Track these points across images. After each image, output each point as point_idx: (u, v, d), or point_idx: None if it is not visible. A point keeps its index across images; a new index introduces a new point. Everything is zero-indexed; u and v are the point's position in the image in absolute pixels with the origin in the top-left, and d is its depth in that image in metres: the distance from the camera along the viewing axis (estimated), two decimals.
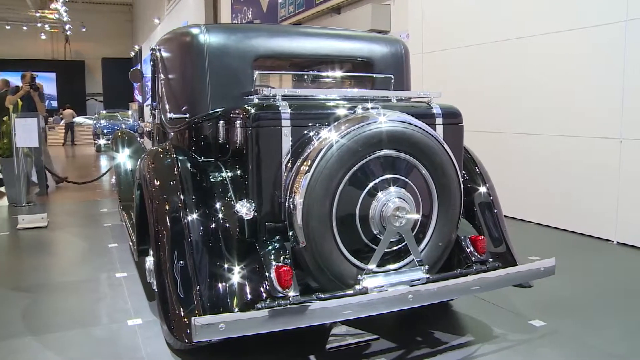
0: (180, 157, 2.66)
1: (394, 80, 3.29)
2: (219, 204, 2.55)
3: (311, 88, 4.19)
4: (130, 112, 21.58)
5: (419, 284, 2.46)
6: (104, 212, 6.74)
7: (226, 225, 2.49)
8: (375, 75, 3.31)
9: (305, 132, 2.46)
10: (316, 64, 3.61)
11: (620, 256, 4.59)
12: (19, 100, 7.35)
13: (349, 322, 2.70)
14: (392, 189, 2.45)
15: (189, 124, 3.05)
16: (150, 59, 3.67)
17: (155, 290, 2.62)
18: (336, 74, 3.51)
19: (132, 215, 3.77)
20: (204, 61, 2.91)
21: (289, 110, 2.43)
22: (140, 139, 5.38)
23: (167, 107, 3.38)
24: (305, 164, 2.33)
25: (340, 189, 2.36)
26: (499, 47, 6.07)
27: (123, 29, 30.66)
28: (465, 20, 6.57)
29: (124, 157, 5.10)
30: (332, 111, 2.53)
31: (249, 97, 2.77)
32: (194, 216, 2.46)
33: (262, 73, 3.05)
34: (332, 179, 2.33)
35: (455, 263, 2.80)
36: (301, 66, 3.66)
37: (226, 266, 2.42)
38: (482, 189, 3.06)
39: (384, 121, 2.42)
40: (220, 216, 2.52)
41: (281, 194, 2.42)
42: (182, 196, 2.48)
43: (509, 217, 5.88)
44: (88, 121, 22.07)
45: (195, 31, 2.98)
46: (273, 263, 2.31)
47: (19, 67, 28.65)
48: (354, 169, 2.38)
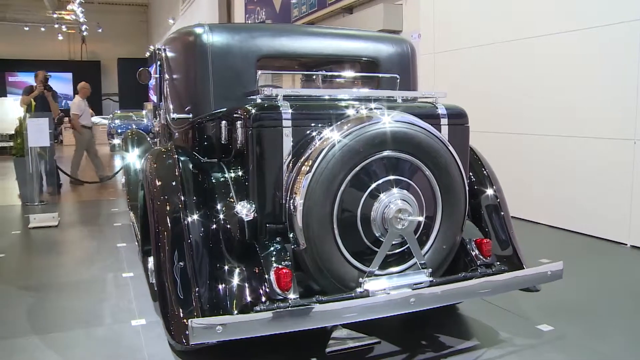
0: (182, 158, 2.64)
1: (400, 80, 3.25)
2: (220, 205, 2.52)
3: (321, 88, 4.18)
4: (145, 112, 21.67)
5: (421, 287, 2.42)
6: (115, 211, 6.77)
7: (227, 226, 2.47)
8: (380, 75, 3.27)
9: (306, 132, 2.43)
10: (321, 63, 3.58)
11: (633, 259, 4.49)
12: (32, 101, 7.41)
13: (350, 325, 2.67)
14: (395, 190, 2.41)
15: (192, 124, 3.04)
16: (157, 59, 3.67)
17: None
18: (340, 73, 3.47)
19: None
20: (207, 61, 2.90)
21: (290, 111, 2.40)
22: (155, 139, 5.40)
23: (171, 107, 3.38)
24: (306, 164, 2.30)
25: (341, 190, 2.33)
26: (510, 47, 5.99)
27: (138, 29, 30.89)
28: (476, 20, 6.50)
29: (133, 157, 5.12)
30: (334, 111, 2.50)
31: (251, 97, 2.74)
32: (194, 217, 2.44)
33: (264, 73, 3.02)
34: (333, 179, 2.30)
35: (461, 266, 2.76)
36: (307, 66, 3.63)
37: (226, 268, 2.40)
38: (489, 190, 3.01)
39: (386, 121, 2.38)
40: (221, 217, 2.49)
41: (282, 195, 2.39)
42: (183, 197, 2.46)
43: (520, 219, 5.81)
44: (103, 121, 22.22)
45: (198, 31, 2.96)
46: (273, 265, 2.28)
47: (37, 68, 28.77)
48: (356, 169, 2.35)
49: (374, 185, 2.39)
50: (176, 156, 2.61)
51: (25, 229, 5.71)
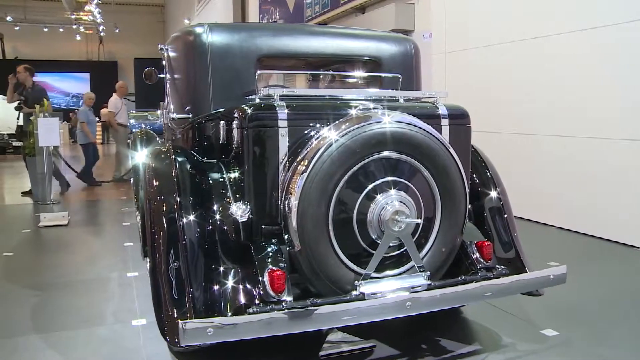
0: (180, 158, 2.62)
1: (403, 80, 3.20)
2: (216, 206, 2.50)
3: (328, 88, 4.14)
4: (160, 112, 21.82)
5: (419, 291, 2.38)
6: (125, 210, 6.81)
7: (223, 227, 2.45)
8: (381, 75, 3.22)
9: (303, 132, 2.40)
10: (323, 63, 3.54)
11: None
12: (45, 101, 7.47)
13: (347, 328, 2.63)
14: (392, 192, 2.37)
15: (192, 124, 3.03)
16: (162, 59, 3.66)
17: None
18: (341, 73, 3.43)
19: None
20: (206, 60, 2.88)
21: (286, 111, 2.37)
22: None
23: (172, 106, 3.37)
24: (302, 164, 2.27)
25: (337, 191, 2.29)
26: (521, 47, 5.90)
27: (155, 29, 31.04)
28: (487, 19, 6.41)
29: (141, 157, 5.13)
30: (332, 111, 2.46)
31: (250, 96, 2.72)
32: (190, 218, 2.42)
33: (264, 72, 3.00)
34: (329, 180, 2.26)
35: (463, 269, 2.71)
36: (310, 66, 3.59)
37: (221, 269, 2.38)
38: (492, 192, 2.95)
39: (384, 122, 2.34)
40: (217, 218, 2.47)
41: (278, 196, 2.37)
42: (179, 198, 2.44)
43: (530, 221, 5.73)
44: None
45: (198, 30, 2.95)
46: (267, 267, 2.25)
47: (56, 68, 29.52)
48: (352, 170, 2.31)
49: (370, 187, 2.35)
50: (173, 156, 2.60)
51: (36, 228, 5.77)
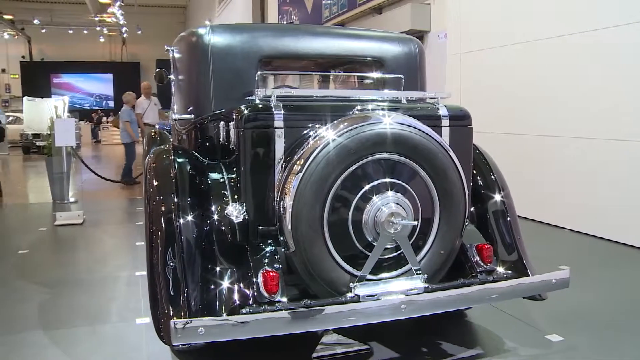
0: (179, 159, 2.64)
1: (406, 81, 3.17)
2: (214, 206, 2.51)
3: (339, 89, 4.13)
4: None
5: (415, 294, 2.35)
6: (139, 210, 6.87)
7: (220, 228, 2.46)
8: (383, 76, 3.20)
9: (300, 133, 2.39)
10: (326, 63, 3.52)
11: None
12: None
13: (344, 330, 2.61)
14: (388, 193, 2.35)
15: (194, 125, 3.05)
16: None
17: None
18: (342, 74, 3.41)
19: None
20: (207, 61, 2.89)
21: (282, 112, 2.37)
22: None
23: (176, 107, 3.40)
24: (297, 164, 2.26)
25: (332, 192, 2.28)
26: (539, 46, 5.81)
27: (176, 30, 31.24)
28: (502, 19, 6.33)
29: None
30: (329, 112, 2.45)
31: (250, 97, 2.73)
32: (188, 218, 2.43)
33: (263, 73, 2.99)
34: (324, 181, 2.25)
35: (464, 273, 2.67)
36: (315, 66, 3.58)
37: (217, 269, 2.38)
38: (496, 195, 2.90)
39: (380, 123, 2.32)
40: (215, 218, 2.48)
41: (274, 197, 2.36)
42: (176, 198, 2.45)
43: (543, 223, 5.64)
44: None
45: (200, 31, 2.96)
46: (261, 268, 2.25)
47: (80, 69, 30.05)
48: (348, 171, 2.29)
49: (366, 188, 2.34)
50: (173, 157, 2.61)
51: (52, 226, 5.87)
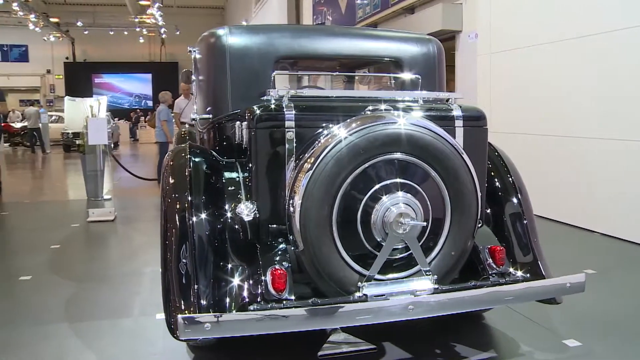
0: (196, 158, 2.69)
1: (424, 81, 3.15)
2: (227, 205, 2.56)
3: (357, 89, 4.13)
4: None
5: (424, 295, 2.34)
6: None
7: (233, 226, 2.51)
8: (398, 76, 3.18)
9: (311, 133, 2.42)
10: (343, 64, 3.53)
11: None
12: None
13: (354, 330, 2.62)
14: (398, 193, 2.34)
15: (212, 125, 3.10)
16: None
17: None
18: (358, 74, 3.41)
19: None
20: (225, 62, 2.94)
21: (293, 112, 2.40)
22: None
23: (196, 107, 3.46)
24: (307, 162, 2.29)
25: (342, 191, 2.29)
26: (570, 46, 5.67)
27: None
28: (532, 19, 6.21)
29: None
30: (340, 112, 2.47)
31: (265, 97, 2.77)
32: (201, 216, 2.48)
33: (279, 73, 3.02)
34: (334, 180, 2.26)
35: (479, 274, 2.64)
36: (332, 67, 3.59)
37: (229, 267, 2.43)
38: (513, 197, 2.86)
39: (392, 123, 2.32)
40: (227, 217, 2.53)
41: (285, 196, 2.40)
42: (190, 196, 2.51)
43: (573, 226, 5.52)
44: None
45: (219, 32, 3.02)
46: (270, 266, 2.29)
47: (120, 70, 30.84)
48: (358, 171, 2.30)
49: (376, 188, 2.34)
50: (189, 156, 2.67)
51: (84, 223, 6.06)
